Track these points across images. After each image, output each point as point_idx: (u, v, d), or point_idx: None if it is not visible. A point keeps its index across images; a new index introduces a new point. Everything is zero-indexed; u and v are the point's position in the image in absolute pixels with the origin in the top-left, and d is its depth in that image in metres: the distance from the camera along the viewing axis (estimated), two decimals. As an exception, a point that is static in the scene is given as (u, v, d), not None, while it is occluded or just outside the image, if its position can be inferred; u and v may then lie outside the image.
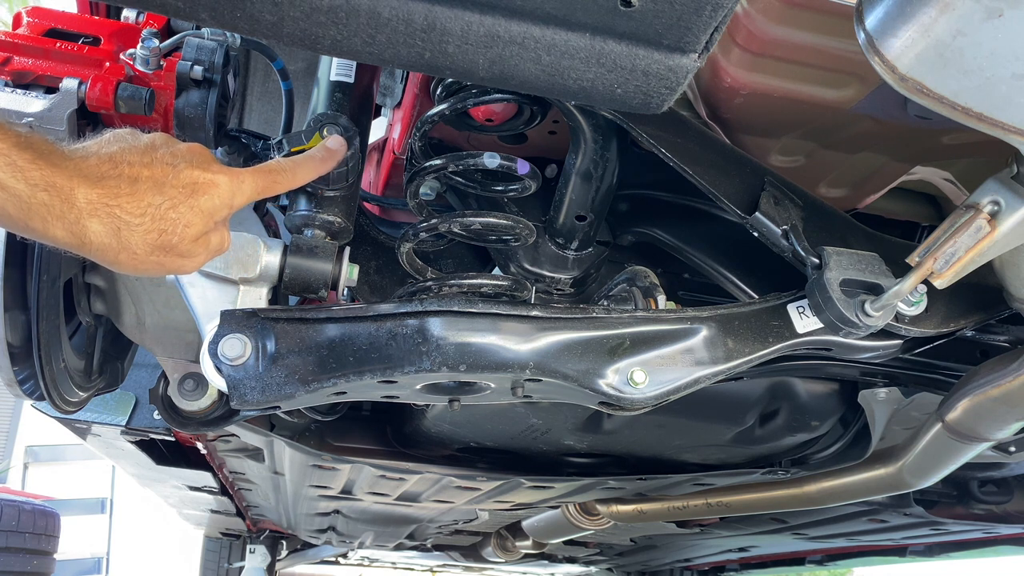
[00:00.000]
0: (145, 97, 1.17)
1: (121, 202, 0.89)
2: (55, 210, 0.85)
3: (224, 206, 0.98)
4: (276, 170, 1.08)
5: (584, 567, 5.63)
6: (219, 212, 0.98)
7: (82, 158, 0.89)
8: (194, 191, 0.95)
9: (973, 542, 3.12)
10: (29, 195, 0.83)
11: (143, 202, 0.91)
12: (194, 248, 0.96)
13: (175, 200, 0.93)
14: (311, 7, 0.87)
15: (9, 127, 0.83)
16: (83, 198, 0.87)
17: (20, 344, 1.28)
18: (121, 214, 0.89)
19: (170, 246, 0.93)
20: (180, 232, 0.93)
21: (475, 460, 2.24)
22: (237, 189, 1.00)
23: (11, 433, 12.22)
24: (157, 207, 0.92)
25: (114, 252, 0.90)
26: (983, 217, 1.05)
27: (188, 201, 0.94)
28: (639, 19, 0.88)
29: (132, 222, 0.90)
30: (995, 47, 0.81)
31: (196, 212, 0.95)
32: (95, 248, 0.89)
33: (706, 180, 1.30)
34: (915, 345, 1.37)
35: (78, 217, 0.86)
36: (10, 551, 4.36)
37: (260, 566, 5.29)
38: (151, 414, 2.40)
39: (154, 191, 0.92)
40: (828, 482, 2.00)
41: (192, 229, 0.95)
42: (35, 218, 0.84)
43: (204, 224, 0.96)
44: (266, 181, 1.05)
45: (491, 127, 1.40)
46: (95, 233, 0.88)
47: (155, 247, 0.92)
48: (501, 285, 1.37)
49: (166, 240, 0.93)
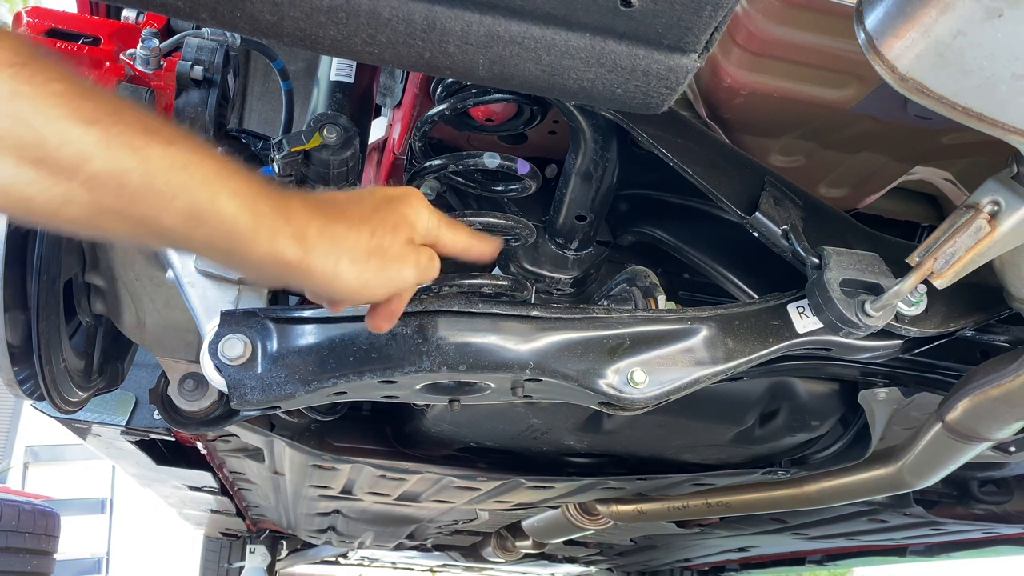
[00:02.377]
0: (145, 97, 1.17)
1: (328, 210, 0.89)
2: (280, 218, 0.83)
3: (421, 214, 0.97)
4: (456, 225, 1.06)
5: (584, 567, 5.63)
6: (419, 220, 0.97)
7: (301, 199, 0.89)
8: (391, 200, 0.96)
9: (973, 542, 3.11)
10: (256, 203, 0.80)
11: (348, 210, 0.91)
12: (407, 253, 0.95)
13: (376, 206, 0.94)
14: (311, 7, 0.87)
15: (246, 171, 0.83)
16: (299, 207, 0.86)
17: (20, 344, 1.28)
18: (332, 218, 0.88)
19: (383, 247, 0.92)
20: (391, 232, 0.93)
21: (475, 460, 2.24)
22: (428, 207, 0.99)
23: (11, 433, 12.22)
24: (361, 212, 0.92)
25: (335, 258, 0.88)
26: (983, 217, 1.05)
27: (389, 205, 0.95)
28: (639, 19, 0.88)
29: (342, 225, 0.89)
30: (995, 47, 0.81)
31: (398, 215, 0.95)
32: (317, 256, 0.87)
33: (706, 180, 1.30)
34: (915, 345, 1.37)
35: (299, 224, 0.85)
36: (10, 551, 4.36)
37: (260, 566, 5.29)
38: (151, 414, 2.40)
39: (355, 203, 0.93)
40: (828, 482, 2.00)
41: (401, 232, 0.94)
42: (263, 227, 0.81)
43: (410, 228, 0.96)
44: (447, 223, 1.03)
45: (491, 127, 1.40)
46: (315, 240, 0.86)
47: (370, 249, 0.91)
48: (501, 285, 1.37)
49: (379, 241, 0.92)
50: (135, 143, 0.71)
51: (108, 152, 0.69)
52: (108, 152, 0.69)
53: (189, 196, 0.74)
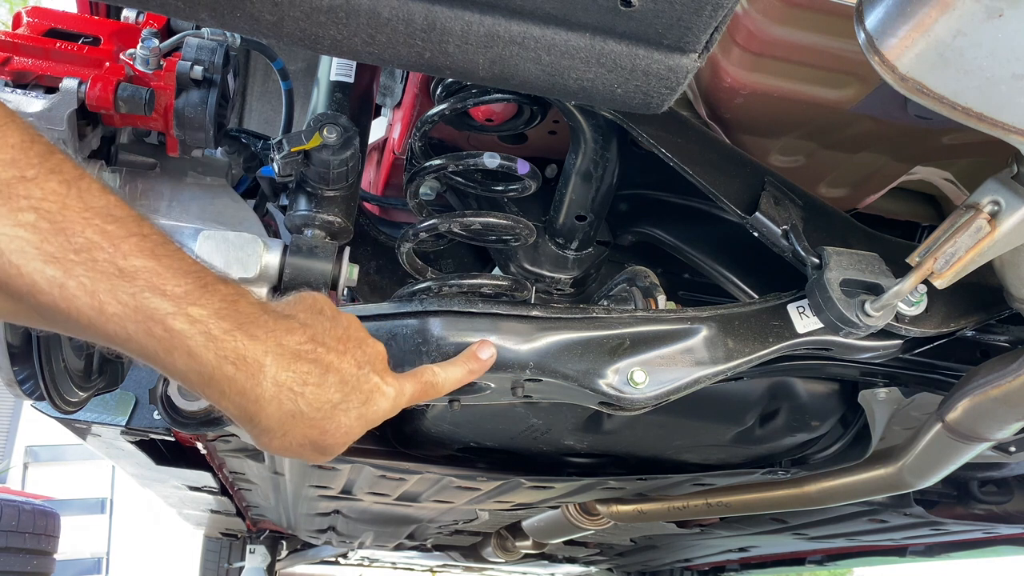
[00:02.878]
0: (145, 97, 1.17)
1: (306, 391, 0.83)
2: (236, 385, 0.79)
3: (383, 416, 0.93)
4: (431, 382, 1.03)
5: (584, 567, 5.62)
6: (376, 422, 0.93)
7: (286, 331, 0.83)
8: (368, 399, 0.90)
9: (973, 542, 3.11)
10: (215, 367, 0.77)
11: (323, 398, 0.85)
12: (339, 450, 0.90)
13: (350, 405, 0.88)
14: (311, 7, 0.87)
15: (221, 284, 0.79)
16: (271, 381, 0.81)
17: (20, 344, 1.28)
18: (301, 404, 0.83)
19: (324, 447, 0.88)
20: (340, 437, 0.88)
21: (475, 460, 2.24)
22: (399, 402, 0.95)
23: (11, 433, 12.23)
24: (333, 407, 0.86)
25: (270, 438, 0.84)
26: (983, 217, 1.05)
27: (359, 409, 0.89)
28: (639, 19, 0.88)
29: (306, 413, 0.84)
30: (995, 47, 0.81)
31: (361, 421, 0.90)
32: (257, 430, 0.83)
33: (706, 180, 1.30)
34: (915, 345, 1.37)
35: (257, 399, 0.80)
36: (10, 551, 4.36)
37: (260, 566, 5.29)
38: (151, 414, 2.40)
39: (338, 389, 0.86)
40: (828, 482, 2.00)
41: (350, 436, 0.89)
42: (213, 389, 0.78)
43: (360, 431, 0.91)
44: (421, 390, 1.00)
45: (491, 127, 1.40)
46: (266, 417, 0.82)
47: (311, 443, 0.86)
48: (501, 285, 1.37)
49: (325, 441, 0.87)
50: (96, 287, 0.70)
51: (60, 292, 0.69)
52: (60, 292, 0.69)
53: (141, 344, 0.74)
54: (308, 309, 0.89)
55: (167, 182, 1.32)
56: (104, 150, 1.30)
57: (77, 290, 0.69)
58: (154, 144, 1.33)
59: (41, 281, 0.68)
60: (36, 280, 0.67)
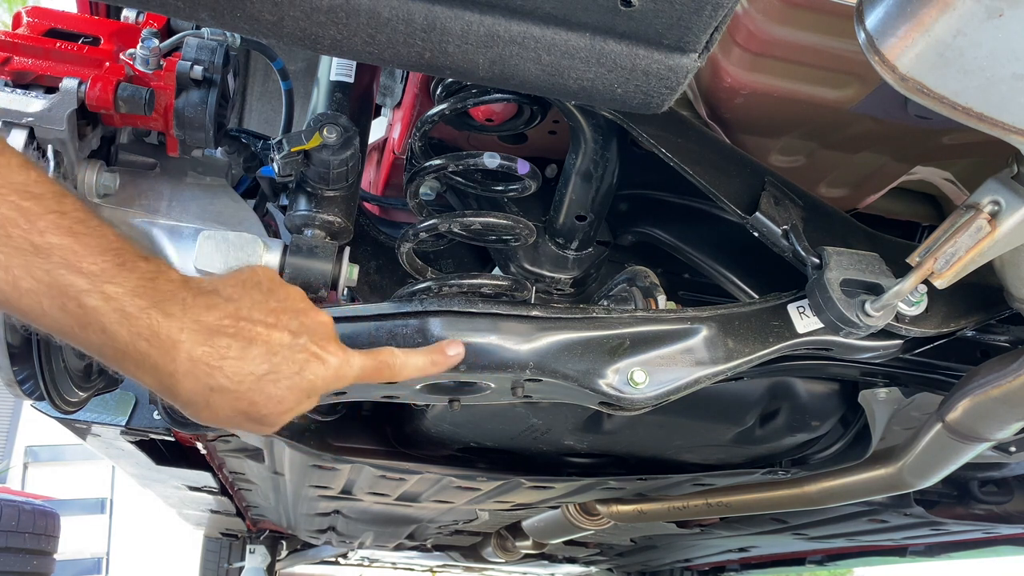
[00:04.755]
0: (145, 97, 1.17)
1: (225, 365, 0.83)
2: (150, 360, 0.80)
3: (325, 386, 0.92)
4: (386, 361, 1.01)
5: (584, 567, 5.62)
6: (317, 391, 0.92)
7: (206, 307, 0.83)
8: (302, 368, 0.89)
9: (973, 542, 3.11)
10: (128, 343, 0.78)
11: (245, 370, 0.85)
12: (279, 420, 0.90)
13: (279, 375, 0.87)
14: (311, 7, 0.87)
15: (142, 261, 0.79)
16: (185, 356, 0.81)
17: (20, 344, 1.28)
18: (219, 377, 0.83)
19: (257, 417, 0.88)
20: (272, 407, 0.87)
21: (475, 460, 2.24)
22: (343, 372, 0.93)
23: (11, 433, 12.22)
24: (258, 378, 0.85)
25: (196, 409, 0.85)
26: (983, 217, 1.05)
27: (292, 379, 0.88)
28: (639, 19, 0.88)
29: (227, 387, 0.84)
30: (995, 47, 0.81)
31: (295, 391, 0.89)
32: (180, 402, 0.84)
33: (706, 180, 1.30)
34: (915, 345, 1.37)
35: (172, 373, 0.81)
36: (10, 551, 4.36)
37: (260, 566, 5.29)
38: (151, 414, 2.40)
39: (262, 360, 0.86)
40: (828, 482, 1.99)
41: (284, 406, 0.89)
42: (128, 363, 0.80)
43: (297, 402, 0.90)
44: (374, 367, 0.99)
45: (491, 127, 1.40)
46: (184, 391, 0.83)
47: (242, 413, 0.86)
48: (501, 285, 1.37)
49: (254, 411, 0.87)
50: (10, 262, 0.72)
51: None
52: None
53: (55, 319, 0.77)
54: (240, 284, 0.89)
55: (167, 182, 1.32)
56: (104, 150, 1.30)
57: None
58: (154, 144, 1.33)
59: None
60: None
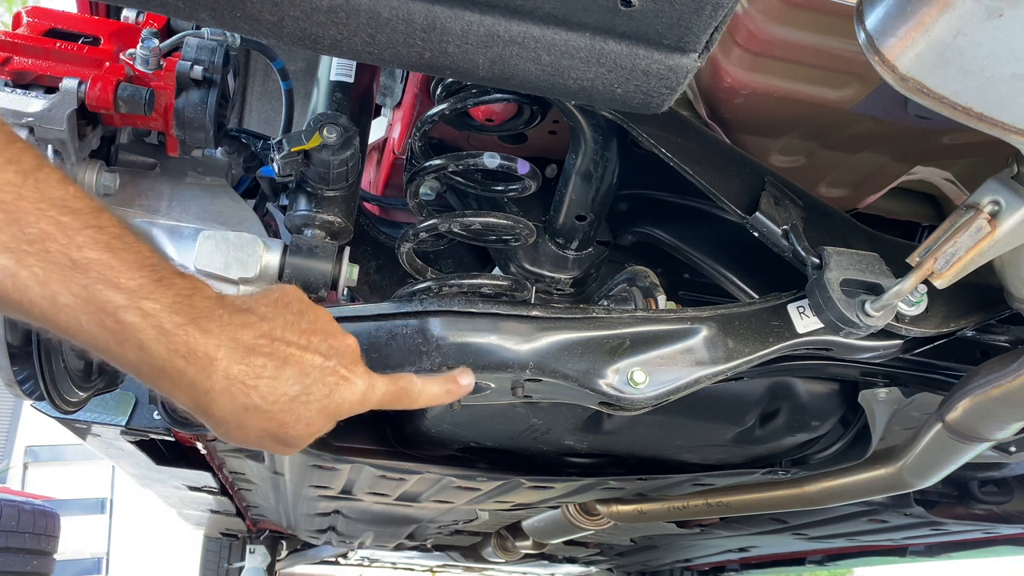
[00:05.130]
0: (145, 97, 1.17)
1: (260, 384, 0.84)
2: (186, 378, 0.80)
3: (350, 410, 0.93)
4: (407, 388, 1.01)
5: (584, 567, 5.62)
6: (342, 414, 0.92)
7: (242, 326, 0.83)
8: (332, 392, 0.89)
9: (973, 542, 3.11)
10: (165, 360, 0.78)
11: (279, 391, 0.85)
12: (304, 442, 0.91)
13: (311, 397, 0.88)
14: (311, 7, 0.87)
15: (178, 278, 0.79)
16: (222, 374, 0.81)
17: (20, 344, 1.28)
18: (255, 397, 0.83)
19: (285, 439, 0.88)
20: (301, 429, 0.88)
21: (475, 460, 2.24)
22: (368, 397, 0.94)
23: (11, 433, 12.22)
24: (291, 399, 0.86)
25: (227, 428, 0.85)
26: (983, 217, 1.05)
27: (322, 401, 0.89)
28: (639, 19, 0.88)
29: (261, 407, 0.84)
30: (995, 47, 0.81)
31: (323, 414, 0.90)
32: (212, 422, 0.84)
33: (706, 180, 1.30)
34: (915, 345, 1.37)
35: (208, 391, 0.81)
36: (10, 551, 4.36)
37: (260, 566, 5.29)
38: (151, 414, 2.40)
39: (295, 381, 0.86)
40: (828, 482, 1.99)
41: (312, 428, 0.89)
42: (164, 381, 0.79)
43: (324, 425, 0.91)
44: (394, 394, 0.99)
45: (491, 127, 1.40)
46: (219, 409, 0.83)
47: (270, 435, 0.87)
48: (501, 285, 1.37)
49: (284, 432, 0.87)
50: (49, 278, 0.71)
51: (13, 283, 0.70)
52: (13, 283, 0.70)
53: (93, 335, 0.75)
54: (273, 303, 0.89)
55: (167, 182, 1.32)
56: (104, 150, 1.30)
57: (29, 280, 0.70)
58: (154, 144, 1.33)
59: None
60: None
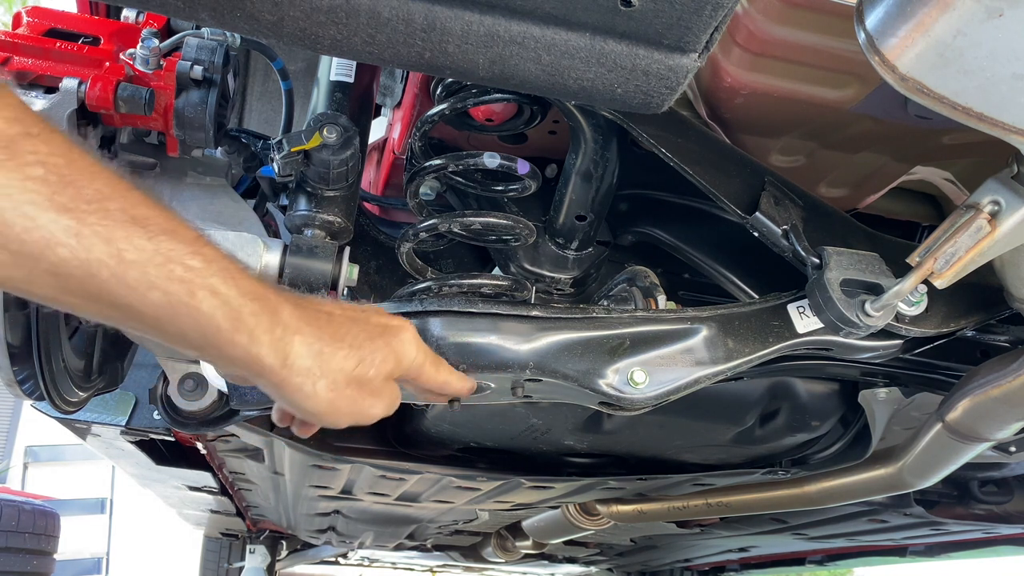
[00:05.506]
0: (145, 97, 1.17)
1: (320, 325, 0.87)
2: (264, 322, 0.81)
3: (410, 351, 0.97)
4: (440, 362, 1.06)
5: (584, 567, 5.62)
6: (405, 357, 0.96)
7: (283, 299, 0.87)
8: (385, 331, 0.95)
9: (973, 542, 3.11)
10: (240, 303, 0.79)
11: (341, 329, 0.89)
12: (384, 388, 0.94)
13: (370, 334, 0.92)
14: (311, 7, 0.87)
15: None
16: (289, 314, 0.84)
17: (20, 344, 1.28)
18: (322, 335, 0.87)
19: (366, 379, 0.91)
20: (377, 365, 0.92)
21: (475, 460, 2.24)
22: (418, 345, 0.99)
23: (11, 433, 12.22)
24: (354, 336, 0.90)
25: (314, 378, 0.86)
26: (983, 217, 1.05)
27: (382, 337, 0.93)
28: (639, 19, 0.88)
29: (331, 346, 0.87)
30: (995, 47, 0.81)
31: (389, 349, 0.94)
32: (296, 371, 0.85)
33: (706, 180, 1.30)
34: (915, 345, 1.37)
35: (283, 332, 0.83)
36: (10, 551, 4.36)
37: (260, 566, 5.29)
38: (151, 414, 2.39)
39: (350, 324, 0.91)
40: (828, 482, 2.00)
41: (386, 366, 0.93)
42: (242, 330, 0.80)
43: (395, 364, 0.95)
44: (432, 360, 1.03)
45: (491, 127, 1.40)
46: (297, 354, 0.84)
47: (352, 377, 0.89)
48: (501, 285, 1.37)
49: (363, 371, 0.90)
50: (112, 234, 0.70)
51: (78, 241, 0.68)
52: (78, 241, 0.68)
53: (164, 290, 0.74)
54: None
55: (167, 182, 1.32)
56: (104, 150, 1.30)
57: (93, 238, 0.69)
58: (154, 144, 1.33)
59: (57, 231, 0.67)
60: (52, 230, 0.67)
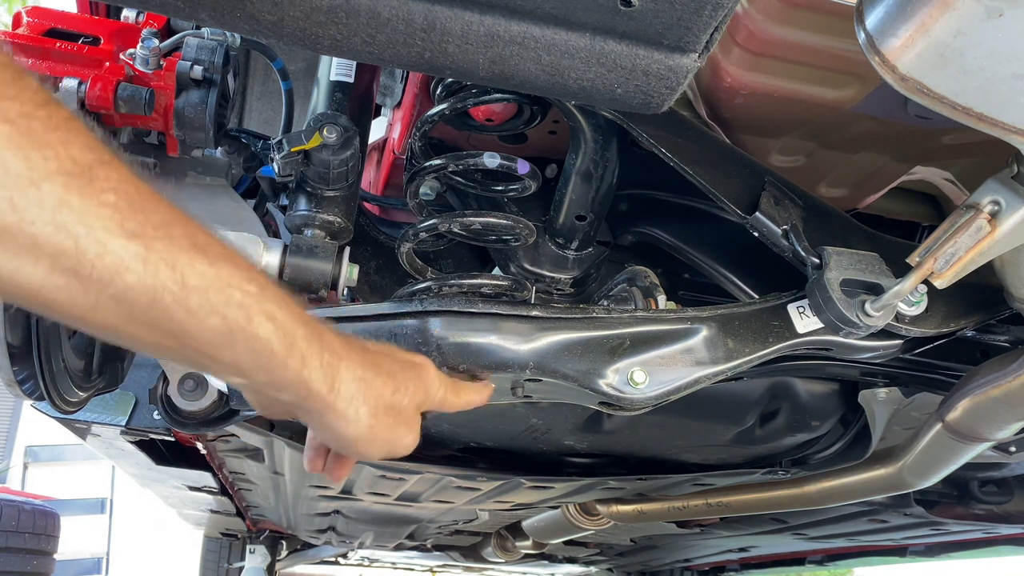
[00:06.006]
0: (145, 97, 1.17)
1: (361, 353, 0.90)
2: (314, 347, 0.83)
3: (433, 384, 1.01)
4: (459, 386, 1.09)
5: (584, 567, 5.62)
6: (431, 389, 1.00)
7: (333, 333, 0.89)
8: (412, 365, 0.99)
9: (973, 542, 3.11)
10: (293, 328, 0.80)
11: (377, 358, 0.92)
12: (413, 419, 0.97)
13: (402, 365, 0.96)
14: (311, 7, 0.87)
15: None
16: (333, 340, 0.86)
17: (20, 344, 1.28)
18: (364, 362, 0.89)
19: (400, 407, 0.94)
20: (411, 394, 0.95)
21: (475, 460, 2.24)
22: (440, 378, 1.02)
23: (11, 433, 12.22)
24: (389, 366, 0.93)
25: (357, 404, 0.88)
26: (983, 217, 1.05)
27: (410, 370, 0.97)
28: (639, 19, 0.88)
29: (371, 372, 0.90)
30: (995, 47, 0.81)
31: (417, 381, 0.97)
32: (341, 396, 0.87)
33: (706, 180, 1.30)
34: (915, 345, 1.37)
35: (331, 358, 0.85)
36: (10, 551, 4.36)
37: (260, 566, 5.29)
38: (151, 414, 2.40)
39: (383, 355, 0.94)
40: (828, 482, 2.00)
41: (418, 396, 0.97)
42: (295, 355, 0.81)
43: (424, 396, 0.98)
44: (451, 389, 1.06)
45: (491, 127, 1.40)
46: (343, 379, 0.86)
47: (389, 405, 0.92)
48: (501, 285, 1.37)
49: (399, 399, 0.93)
50: (177, 259, 0.71)
51: (144, 267, 0.69)
52: (144, 267, 0.69)
53: (223, 316, 0.75)
54: None
55: (167, 182, 1.32)
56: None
57: (160, 263, 0.70)
58: (154, 144, 1.33)
59: (127, 256, 0.68)
60: (122, 256, 0.68)
